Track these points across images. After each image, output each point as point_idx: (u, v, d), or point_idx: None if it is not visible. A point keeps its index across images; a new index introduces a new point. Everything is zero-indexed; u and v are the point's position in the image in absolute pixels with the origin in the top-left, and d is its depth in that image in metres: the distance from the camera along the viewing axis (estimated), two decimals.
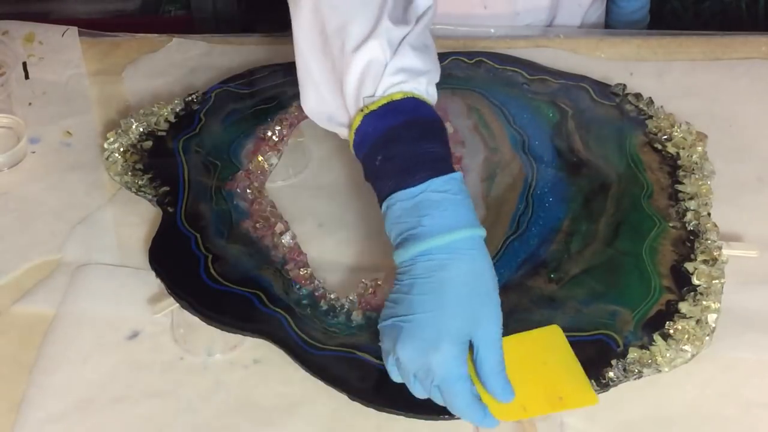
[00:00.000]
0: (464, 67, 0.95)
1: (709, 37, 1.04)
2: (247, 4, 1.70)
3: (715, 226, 0.75)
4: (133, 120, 0.87)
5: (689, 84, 0.96)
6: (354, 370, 0.66)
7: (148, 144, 0.85)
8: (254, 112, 0.90)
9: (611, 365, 0.65)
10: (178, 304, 0.71)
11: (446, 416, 0.63)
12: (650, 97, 0.90)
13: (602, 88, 0.92)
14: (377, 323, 0.63)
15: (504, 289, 0.71)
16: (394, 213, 0.63)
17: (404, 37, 0.68)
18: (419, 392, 0.61)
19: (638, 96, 0.90)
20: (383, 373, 0.64)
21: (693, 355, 0.66)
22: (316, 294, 0.72)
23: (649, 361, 0.65)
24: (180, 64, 1.01)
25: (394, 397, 0.64)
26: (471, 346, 0.60)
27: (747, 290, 0.73)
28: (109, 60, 1.02)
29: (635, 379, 0.65)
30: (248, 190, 0.81)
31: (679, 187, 0.79)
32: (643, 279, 0.71)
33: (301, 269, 0.73)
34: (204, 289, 0.71)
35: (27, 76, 0.99)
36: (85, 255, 0.78)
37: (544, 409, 0.63)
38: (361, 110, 0.66)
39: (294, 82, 0.72)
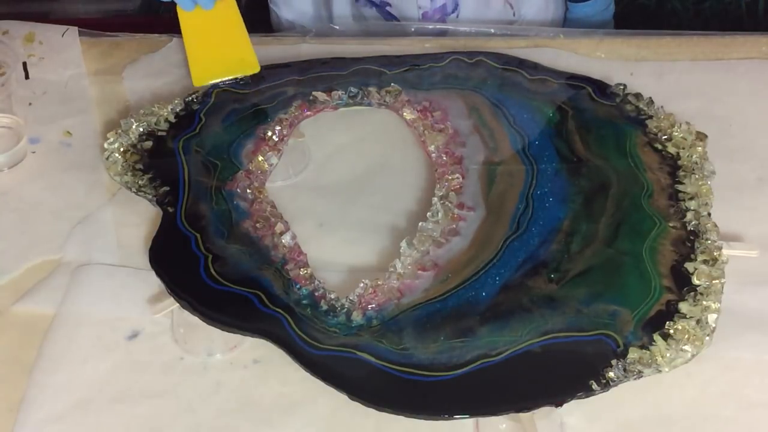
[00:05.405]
0: (464, 67, 0.95)
1: (709, 37, 1.04)
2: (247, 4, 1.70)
3: (715, 226, 0.75)
4: (133, 120, 0.87)
5: (689, 84, 0.96)
6: (354, 370, 0.66)
7: (148, 144, 0.85)
8: (254, 112, 0.90)
9: (611, 365, 0.65)
10: (178, 304, 0.71)
11: (446, 416, 0.63)
12: (650, 97, 0.90)
13: (602, 88, 0.92)
14: (377, 323, 0.63)
15: (504, 289, 0.71)
16: None
17: None
18: None
19: (638, 96, 0.90)
20: (383, 373, 0.64)
21: (693, 355, 0.66)
22: (316, 294, 0.72)
23: (649, 361, 0.65)
24: (180, 64, 1.01)
25: (394, 397, 0.64)
26: None
27: (747, 290, 0.73)
28: (109, 60, 1.02)
29: (635, 379, 0.65)
30: (248, 190, 0.81)
31: (679, 187, 0.79)
32: (643, 279, 0.71)
33: (301, 269, 0.73)
34: (204, 289, 0.71)
35: (27, 76, 0.99)
36: (85, 255, 0.78)
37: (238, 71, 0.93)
38: None
39: (294, 82, 0.72)
